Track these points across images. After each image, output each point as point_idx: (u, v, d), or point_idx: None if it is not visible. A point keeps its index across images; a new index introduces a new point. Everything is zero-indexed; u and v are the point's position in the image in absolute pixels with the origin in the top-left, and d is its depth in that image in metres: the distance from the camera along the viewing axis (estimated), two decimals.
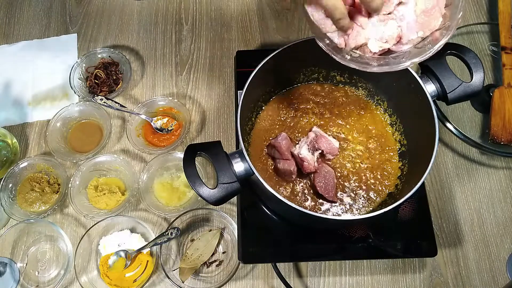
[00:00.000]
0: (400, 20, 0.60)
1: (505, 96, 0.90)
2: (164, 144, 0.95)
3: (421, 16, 0.60)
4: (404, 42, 0.62)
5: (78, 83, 1.01)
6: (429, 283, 0.83)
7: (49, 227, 0.86)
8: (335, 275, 0.84)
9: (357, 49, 0.63)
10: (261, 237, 0.79)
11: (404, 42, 0.62)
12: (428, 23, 0.60)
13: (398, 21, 0.60)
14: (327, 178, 0.76)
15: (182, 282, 0.81)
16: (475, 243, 0.86)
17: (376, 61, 0.61)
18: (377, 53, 0.62)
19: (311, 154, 0.76)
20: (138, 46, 1.09)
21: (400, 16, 0.60)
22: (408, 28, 0.61)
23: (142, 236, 0.86)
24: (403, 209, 0.79)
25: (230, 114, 1.00)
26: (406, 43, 0.62)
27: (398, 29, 0.61)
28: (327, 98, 0.87)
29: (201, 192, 0.62)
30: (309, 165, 0.75)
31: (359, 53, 0.62)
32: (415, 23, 0.60)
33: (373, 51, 0.61)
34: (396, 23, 0.61)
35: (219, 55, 1.07)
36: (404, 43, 0.62)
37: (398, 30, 0.61)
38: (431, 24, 0.60)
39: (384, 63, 0.61)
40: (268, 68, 0.74)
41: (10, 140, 0.95)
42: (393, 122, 0.84)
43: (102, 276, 0.84)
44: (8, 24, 1.13)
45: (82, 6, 1.15)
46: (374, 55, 0.62)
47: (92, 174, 0.92)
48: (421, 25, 0.60)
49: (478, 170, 0.93)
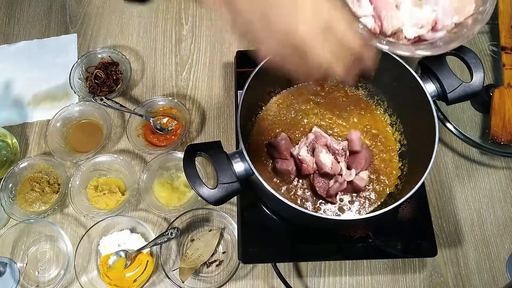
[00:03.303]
0: (435, 4, 0.59)
1: (505, 96, 0.90)
2: (164, 144, 0.95)
3: (455, 0, 0.58)
4: (439, 27, 0.59)
5: (78, 83, 1.01)
6: (429, 283, 0.83)
7: (49, 227, 0.86)
8: (335, 275, 0.84)
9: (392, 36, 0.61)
10: (261, 237, 0.79)
11: (439, 28, 0.59)
12: (462, 8, 0.58)
13: (433, 5, 0.59)
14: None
15: (182, 282, 0.81)
16: (475, 243, 0.86)
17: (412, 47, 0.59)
18: (411, 40, 0.60)
19: (310, 156, 0.76)
20: (138, 46, 1.09)
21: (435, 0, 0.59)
22: (444, 13, 0.59)
23: (142, 236, 0.86)
24: (403, 209, 0.79)
25: (230, 114, 1.00)
26: (440, 29, 0.60)
27: (434, 13, 0.59)
28: (327, 98, 0.87)
29: (201, 192, 0.62)
30: (308, 166, 0.75)
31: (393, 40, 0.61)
32: (451, 7, 0.58)
33: (409, 37, 0.59)
34: (431, 7, 0.59)
35: (219, 55, 1.07)
36: (439, 29, 0.60)
37: (433, 14, 0.59)
38: (465, 9, 0.58)
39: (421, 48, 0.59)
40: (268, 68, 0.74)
41: (10, 140, 0.95)
42: (393, 122, 0.84)
43: (102, 276, 0.84)
44: (8, 24, 1.13)
45: (82, 6, 1.15)
46: (408, 41, 0.60)
47: (92, 174, 0.92)
48: (456, 10, 0.58)
49: (478, 170, 0.93)
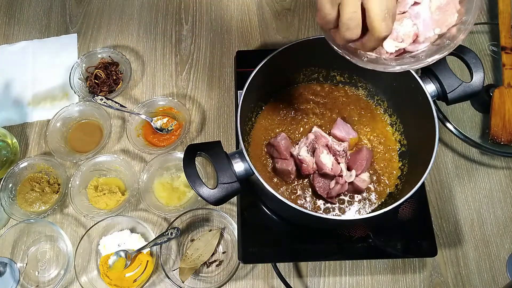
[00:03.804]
0: (415, 18, 0.59)
1: (505, 96, 0.90)
2: (164, 144, 0.95)
3: (436, 13, 0.58)
4: (421, 40, 0.59)
5: (78, 83, 1.01)
6: (429, 283, 0.83)
7: (49, 227, 0.86)
8: (335, 275, 0.84)
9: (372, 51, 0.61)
10: (261, 237, 0.79)
11: (421, 41, 0.60)
12: (444, 20, 0.58)
13: (413, 19, 0.59)
14: None
15: (182, 282, 0.81)
16: (475, 243, 0.86)
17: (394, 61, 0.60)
18: (393, 54, 0.60)
19: (310, 156, 0.76)
20: (138, 46, 1.09)
21: (415, 14, 0.59)
22: (424, 26, 0.59)
23: (142, 236, 0.86)
24: (403, 209, 0.79)
25: (230, 114, 1.00)
26: (422, 42, 0.60)
27: (414, 27, 0.59)
28: (327, 98, 0.87)
29: (201, 192, 0.62)
30: (308, 166, 0.75)
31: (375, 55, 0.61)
32: (431, 20, 0.59)
33: (389, 52, 0.60)
34: (411, 21, 0.59)
35: (219, 55, 1.07)
36: (421, 41, 0.60)
37: (414, 28, 0.59)
38: (447, 21, 0.59)
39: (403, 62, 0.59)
40: (268, 68, 0.74)
41: (10, 140, 0.95)
42: (393, 122, 0.84)
43: (102, 276, 0.84)
44: (8, 24, 1.13)
45: (82, 6, 1.15)
46: (390, 55, 0.60)
47: (92, 174, 0.92)
48: (437, 22, 0.58)
49: (478, 170, 0.93)
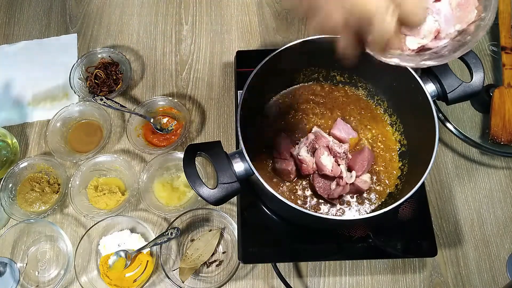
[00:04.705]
0: (437, 14, 0.60)
1: (505, 96, 0.90)
2: (164, 144, 0.95)
3: (457, 9, 0.60)
4: (442, 36, 0.61)
5: (78, 83, 1.01)
6: (429, 283, 0.83)
7: (49, 227, 0.86)
8: (335, 275, 0.84)
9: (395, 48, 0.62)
10: (261, 237, 0.79)
11: (442, 37, 0.61)
12: (464, 16, 0.60)
13: (435, 15, 0.60)
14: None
15: (182, 282, 0.81)
16: (475, 243, 0.86)
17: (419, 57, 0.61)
18: (415, 50, 0.61)
19: (310, 156, 0.76)
20: (138, 46, 1.09)
21: (437, 10, 0.60)
22: (446, 22, 0.60)
23: (142, 236, 0.86)
24: (403, 209, 0.79)
25: (230, 114, 1.00)
26: (443, 38, 0.61)
27: (436, 23, 0.60)
28: (327, 98, 0.87)
29: (201, 192, 0.62)
30: (308, 166, 0.75)
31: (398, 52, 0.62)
32: (452, 16, 0.60)
33: (411, 48, 0.61)
34: (432, 17, 0.60)
35: (219, 55, 1.07)
36: (442, 37, 0.61)
37: (435, 25, 0.60)
38: (467, 17, 0.60)
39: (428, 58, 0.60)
40: (268, 68, 0.74)
41: (10, 140, 0.95)
42: (393, 122, 0.84)
43: (102, 276, 0.84)
44: (8, 24, 1.13)
45: (82, 6, 1.15)
46: (412, 52, 0.61)
47: (92, 174, 0.92)
48: (458, 18, 0.60)
49: (478, 170, 0.92)
